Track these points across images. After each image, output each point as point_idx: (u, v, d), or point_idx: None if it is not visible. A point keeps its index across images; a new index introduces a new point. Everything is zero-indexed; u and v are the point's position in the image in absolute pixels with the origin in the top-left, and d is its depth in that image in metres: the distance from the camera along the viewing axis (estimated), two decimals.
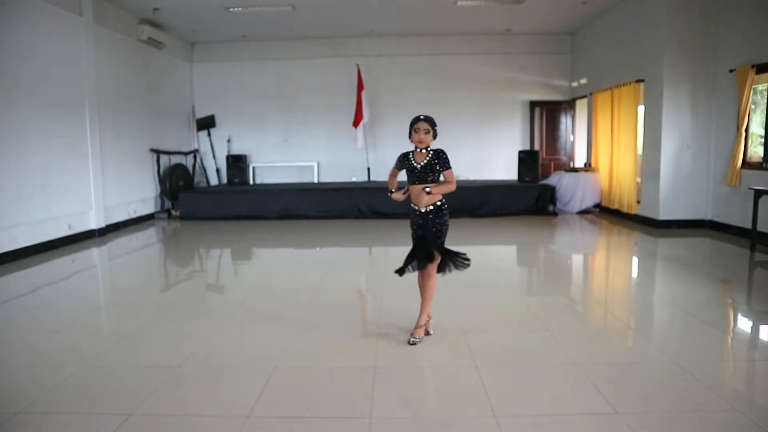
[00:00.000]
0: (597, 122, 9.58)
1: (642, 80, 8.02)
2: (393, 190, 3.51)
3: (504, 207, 9.21)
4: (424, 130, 3.23)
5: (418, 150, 3.29)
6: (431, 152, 3.29)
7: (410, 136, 3.31)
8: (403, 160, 3.35)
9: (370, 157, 10.83)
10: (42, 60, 6.60)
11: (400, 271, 3.34)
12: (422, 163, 3.26)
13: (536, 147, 11.10)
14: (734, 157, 6.83)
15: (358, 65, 10.57)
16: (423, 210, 3.29)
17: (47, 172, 6.67)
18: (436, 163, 3.26)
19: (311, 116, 11.26)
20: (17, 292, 4.90)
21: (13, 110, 6.12)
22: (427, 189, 3.24)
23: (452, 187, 3.26)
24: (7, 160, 6.03)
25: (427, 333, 3.39)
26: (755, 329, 3.76)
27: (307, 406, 2.57)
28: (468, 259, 3.35)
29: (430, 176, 3.26)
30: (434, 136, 3.28)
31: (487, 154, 11.21)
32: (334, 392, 2.72)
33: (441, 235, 3.31)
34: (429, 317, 3.43)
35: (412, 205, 3.36)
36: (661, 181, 7.61)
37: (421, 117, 3.27)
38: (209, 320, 3.98)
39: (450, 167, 3.26)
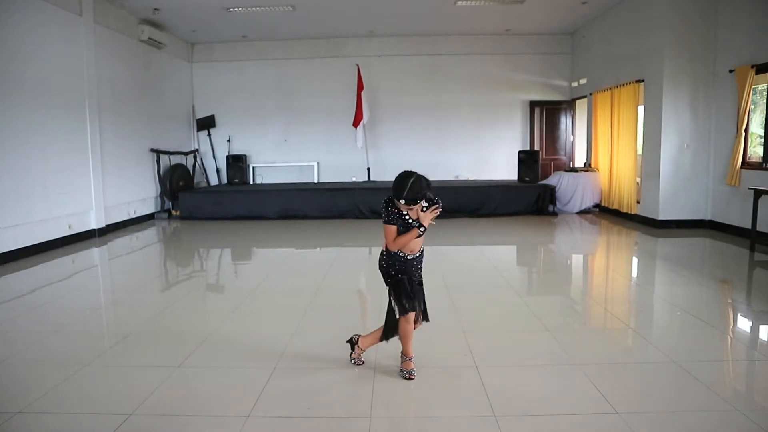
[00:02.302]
0: (597, 122, 9.58)
1: (642, 80, 8.02)
2: (415, 219, 2.70)
3: (504, 207, 9.21)
4: (410, 208, 2.65)
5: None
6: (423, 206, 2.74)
7: (397, 200, 2.64)
8: (397, 217, 2.71)
9: (370, 157, 10.83)
10: (42, 60, 6.60)
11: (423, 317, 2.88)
12: (417, 218, 2.72)
13: (536, 147, 11.10)
14: (734, 157, 6.83)
15: (358, 65, 10.57)
16: (416, 255, 2.84)
17: (47, 171, 6.68)
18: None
19: (311, 116, 11.27)
20: (18, 292, 4.90)
21: (13, 110, 6.13)
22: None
23: None
24: (7, 160, 6.03)
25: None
26: (755, 329, 3.76)
27: (307, 406, 2.57)
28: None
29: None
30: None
31: (487, 154, 11.22)
32: (334, 392, 2.72)
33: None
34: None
35: (402, 255, 2.79)
36: (660, 181, 7.61)
37: (406, 196, 2.57)
38: (209, 320, 3.99)
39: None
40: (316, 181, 11.31)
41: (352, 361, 3.02)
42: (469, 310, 4.01)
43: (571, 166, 11.00)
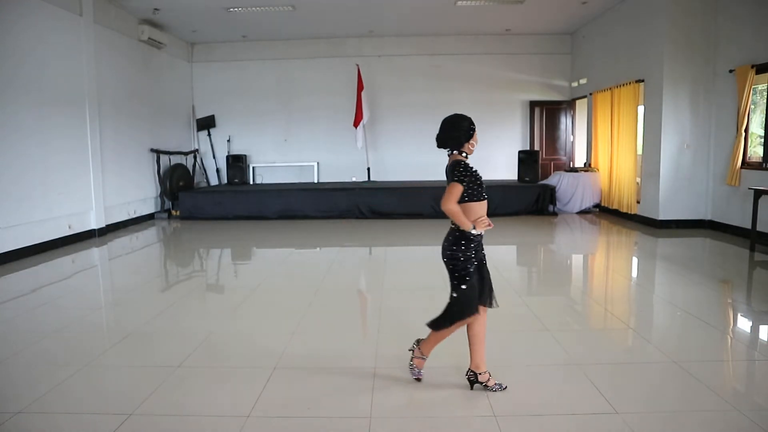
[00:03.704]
0: (597, 122, 9.58)
1: (642, 80, 8.02)
2: (474, 226, 2.57)
3: (504, 207, 9.20)
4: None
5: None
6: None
7: (466, 143, 2.64)
8: (474, 175, 2.59)
9: (370, 157, 10.82)
10: (42, 60, 6.59)
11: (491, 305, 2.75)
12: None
13: (536, 147, 11.09)
14: (734, 157, 6.83)
15: (358, 65, 10.56)
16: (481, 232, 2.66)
17: (47, 172, 6.67)
18: None
19: (311, 116, 11.27)
20: (18, 292, 4.90)
21: (13, 110, 6.12)
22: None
23: None
24: (7, 160, 6.03)
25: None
26: (755, 329, 3.76)
27: (307, 406, 2.57)
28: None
29: None
30: None
31: (487, 154, 11.16)
32: (334, 392, 2.72)
33: None
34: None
35: (474, 233, 2.59)
36: (660, 181, 7.61)
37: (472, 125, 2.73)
38: (209, 320, 3.99)
39: None
40: (316, 181, 11.31)
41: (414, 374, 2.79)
42: None
43: (571, 166, 11.00)
